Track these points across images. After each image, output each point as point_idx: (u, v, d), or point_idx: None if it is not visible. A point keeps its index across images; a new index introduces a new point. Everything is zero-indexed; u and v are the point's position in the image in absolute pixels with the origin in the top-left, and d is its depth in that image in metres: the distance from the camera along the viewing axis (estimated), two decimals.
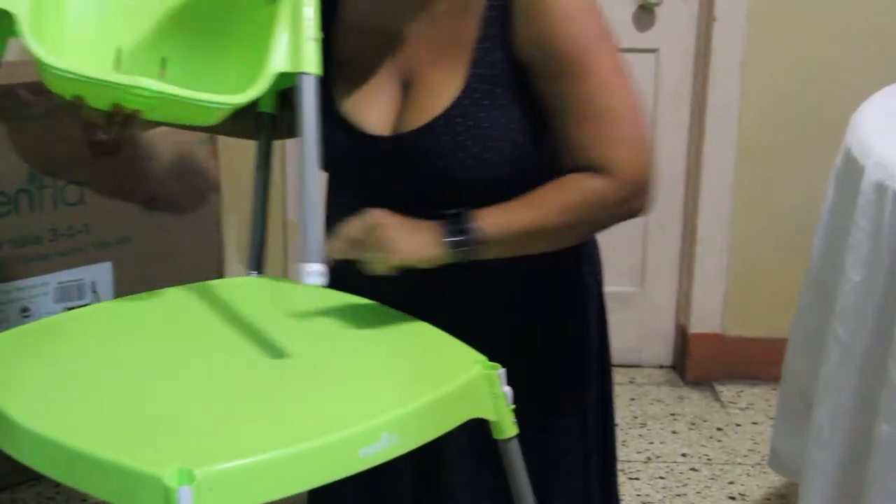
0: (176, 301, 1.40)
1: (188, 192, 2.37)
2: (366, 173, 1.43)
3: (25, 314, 2.19)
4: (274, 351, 1.24)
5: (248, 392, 1.15)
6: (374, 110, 1.40)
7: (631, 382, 2.97)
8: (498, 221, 1.31)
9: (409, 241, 1.28)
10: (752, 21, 2.74)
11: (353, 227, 1.28)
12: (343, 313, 1.36)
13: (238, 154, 2.70)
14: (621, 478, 2.32)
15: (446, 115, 1.35)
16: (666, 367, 3.07)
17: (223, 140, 2.45)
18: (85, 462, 0.97)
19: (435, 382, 1.16)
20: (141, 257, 2.32)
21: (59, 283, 2.23)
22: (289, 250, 2.83)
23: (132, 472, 0.94)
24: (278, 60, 1.24)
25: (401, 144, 1.37)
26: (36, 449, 1.01)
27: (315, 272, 1.18)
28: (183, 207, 2.36)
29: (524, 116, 1.36)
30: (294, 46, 1.24)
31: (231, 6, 1.38)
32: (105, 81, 1.19)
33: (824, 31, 2.76)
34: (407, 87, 1.40)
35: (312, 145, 1.23)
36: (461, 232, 1.29)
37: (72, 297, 2.25)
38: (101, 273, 2.29)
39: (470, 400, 1.19)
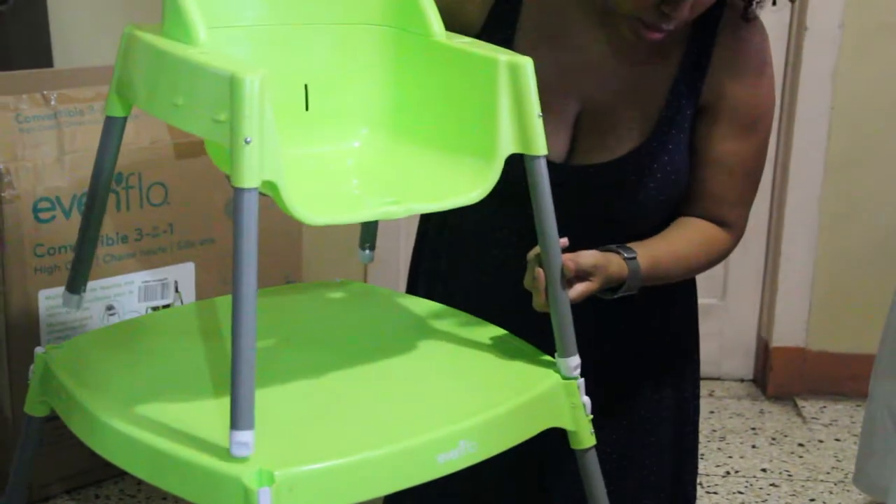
0: (260, 303, 1.41)
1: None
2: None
3: (110, 312, 2.23)
4: (355, 356, 1.24)
5: (328, 396, 1.15)
6: (550, 135, 1.35)
7: (710, 395, 2.93)
8: (649, 262, 1.32)
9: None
10: (845, 30, 2.68)
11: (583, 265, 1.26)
12: (424, 320, 1.36)
13: None
14: (699, 491, 2.29)
15: (635, 155, 1.36)
16: (747, 380, 3.03)
17: None
18: (167, 461, 0.98)
19: (514, 391, 1.16)
20: (223, 258, 2.34)
21: (144, 282, 2.26)
22: None
23: (213, 472, 0.95)
24: (507, 143, 1.13)
25: (583, 176, 1.37)
26: (120, 446, 1.03)
27: (576, 366, 1.21)
28: (264, 209, 2.38)
29: (690, 159, 1.39)
30: (521, 126, 1.13)
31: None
32: (365, 221, 1.18)
33: None
34: (584, 117, 1.39)
35: (552, 228, 1.17)
36: (623, 294, 1.32)
37: (155, 297, 2.29)
38: (184, 273, 2.32)
39: (548, 409, 1.18)
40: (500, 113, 1.12)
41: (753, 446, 2.68)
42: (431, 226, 1.58)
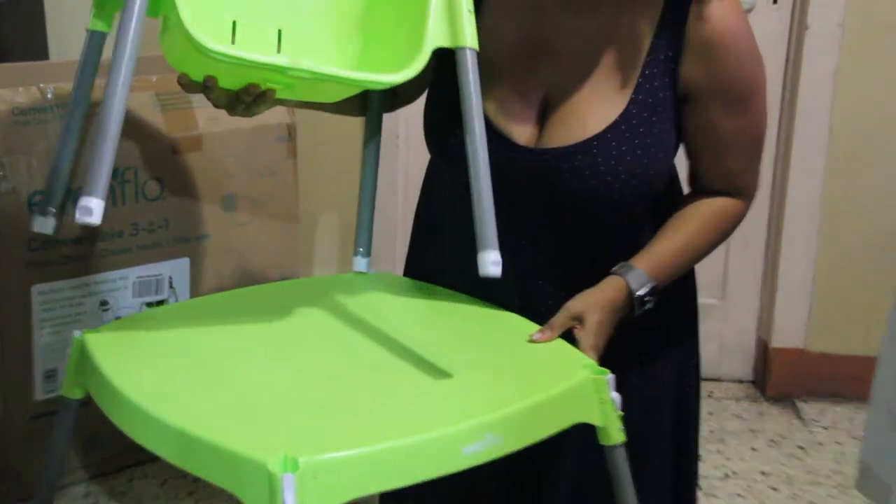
0: (280, 296, 1.42)
1: (265, 190, 2.38)
2: (505, 179, 1.36)
3: (104, 307, 2.21)
4: (381, 346, 1.24)
5: (354, 385, 1.14)
6: (517, 118, 1.37)
7: (709, 396, 2.92)
8: (661, 266, 1.37)
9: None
10: (845, 29, 2.69)
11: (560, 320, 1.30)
12: (450, 311, 1.36)
13: (316, 153, 2.72)
14: (697, 494, 2.27)
15: (602, 137, 1.33)
16: (746, 381, 3.02)
17: (301, 138, 2.46)
18: (194, 444, 0.98)
19: (542, 385, 1.15)
20: (218, 254, 2.33)
21: (138, 277, 2.25)
22: None
23: (239, 457, 0.95)
24: (436, 35, 1.18)
25: (550, 159, 1.35)
26: (149, 429, 1.03)
27: (494, 261, 1.14)
28: (260, 205, 2.37)
29: (669, 143, 1.37)
30: (451, 20, 1.18)
31: None
32: (275, 66, 1.12)
33: None
34: (552, 99, 1.37)
35: (478, 124, 1.17)
36: (645, 293, 1.35)
37: (150, 292, 2.27)
38: (178, 268, 2.30)
39: (576, 404, 1.17)
40: (431, 10, 1.19)
41: (753, 448, 2.67)
42: (425, 222, 1.56)
